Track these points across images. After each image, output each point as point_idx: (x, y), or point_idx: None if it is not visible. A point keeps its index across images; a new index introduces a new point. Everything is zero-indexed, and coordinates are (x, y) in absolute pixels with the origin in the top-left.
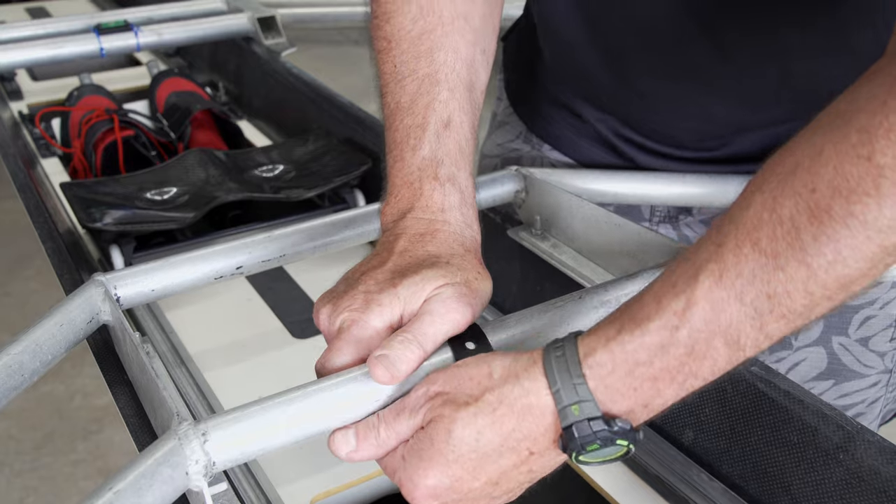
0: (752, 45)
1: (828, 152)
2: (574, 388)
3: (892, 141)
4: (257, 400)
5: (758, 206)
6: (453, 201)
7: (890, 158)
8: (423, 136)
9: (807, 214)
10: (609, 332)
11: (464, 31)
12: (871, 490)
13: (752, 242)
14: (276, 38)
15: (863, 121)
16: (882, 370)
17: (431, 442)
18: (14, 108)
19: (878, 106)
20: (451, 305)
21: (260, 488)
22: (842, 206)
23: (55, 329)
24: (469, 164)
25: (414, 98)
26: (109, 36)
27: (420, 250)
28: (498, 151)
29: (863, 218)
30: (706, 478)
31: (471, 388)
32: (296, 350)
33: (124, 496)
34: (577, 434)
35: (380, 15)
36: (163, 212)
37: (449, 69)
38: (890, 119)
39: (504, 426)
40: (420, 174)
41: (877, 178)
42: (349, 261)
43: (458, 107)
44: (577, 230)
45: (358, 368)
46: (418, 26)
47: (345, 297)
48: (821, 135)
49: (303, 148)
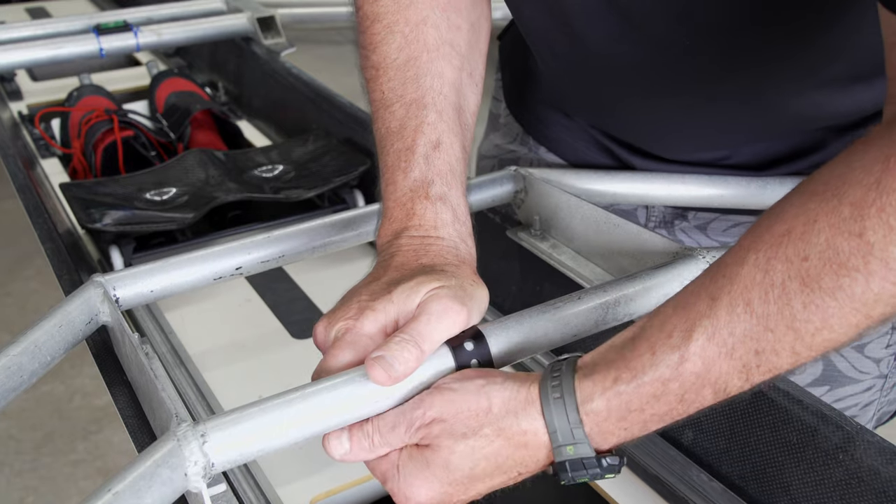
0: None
1: (821, 223)
2: (571, 431)
3: (883, 220)
4: (256, 401)
5: (751, 265)
6: (446, 218)
7: (880, 236)
8: (412, 159)
9: (798, 282)
10: (606, 380)
11: (450, 57)
12: (870, 490)
13: (746, 302)
14: (276, 38)
15: (857, 195)
16: (877, 375)
17: (427, 464)
18: (14, 108)
19: (872, 182)
20: (447, 304)
21: (259, 489)
22: (832, 278)
23: (54, 330)
24: (461, 183)
25: (403, 123)
26: (109, 36)
27: (414, 263)
28: (495, 152)
29: (850, 292)
30: (706, 478)
31: (469, 421)
32: (295, 350)
33: (123, 497)
34: (570, 469)
35: (366, 45)
36: (162, 212)
37: (436, 93)
38: (882, 199)
39: (499, 456)
40: (412, 195)
41: (867, 255)
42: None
43: (447, 128)
44: (577, 230)
45: (356, 370)
46: (404, 54)
47: (339, 310)
48: (815, 202)
49: (302, 148)
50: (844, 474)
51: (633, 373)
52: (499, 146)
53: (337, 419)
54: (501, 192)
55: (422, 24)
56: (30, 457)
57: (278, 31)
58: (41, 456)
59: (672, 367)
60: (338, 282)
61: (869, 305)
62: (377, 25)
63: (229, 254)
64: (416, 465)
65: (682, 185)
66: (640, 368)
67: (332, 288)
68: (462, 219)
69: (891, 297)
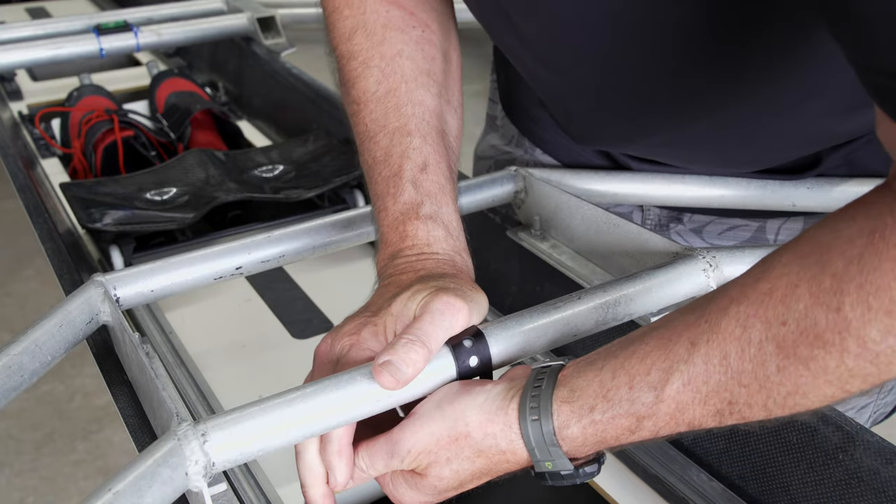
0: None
1: (802, 290)
2: (549, 451)
3: (862, 298)
4: (257, 400)
5: (732, 318)
6: (438, 235)
7: (858, 314)
8: (400, 184)
9: (774, 345)
10: (583, 408)
11: (428, 85)
12: (870, 490)
13: (723, 356)
14: (276, 39)
15: (838, 267)
16: None
17: (417, 486)
18: (14, 108)
19: (854, 255)
20: (447, 300)
21: (260, 489)
22: (807, 349)
23: (55, 329)
24: (452, 201)
25: (388, 151)
26: (109, 36)
27: (412, 277)
28: (491, 153)
29: (825, 365)
30: (706, 478)
31: (450, 446)
32: (295, 350)
33: (124, 497)
34: (550, 479)
35: (346, 82)
36: (162, 212)
37: (418, 119)
38: (864, 275)
39: (483, 470)
40: (403, 217)
41: (843, 332)
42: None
43: (432, 151)
44: (577, 230)
45: (357, 369)
46: (382, 87)
47: (342, 328)
48: (799, 266)
49: (303, 148)
50: (844, 474)
51: (609, 404)
52: (495, 147)
53: (338, 419)
54: (501, 192)
55: (397, 56)
56: (30, 457)
57: (278, 32)
58: (41, 456)
59: (647, 406)
60: (338, 282)
61: (844, 380)
62: (353, 62)
63: (229, 254)
64: (408, 485)
65: (683, 186)
66: (617, 401)
67: (332, 288)
68: (455, 234)
69: (867, 376)
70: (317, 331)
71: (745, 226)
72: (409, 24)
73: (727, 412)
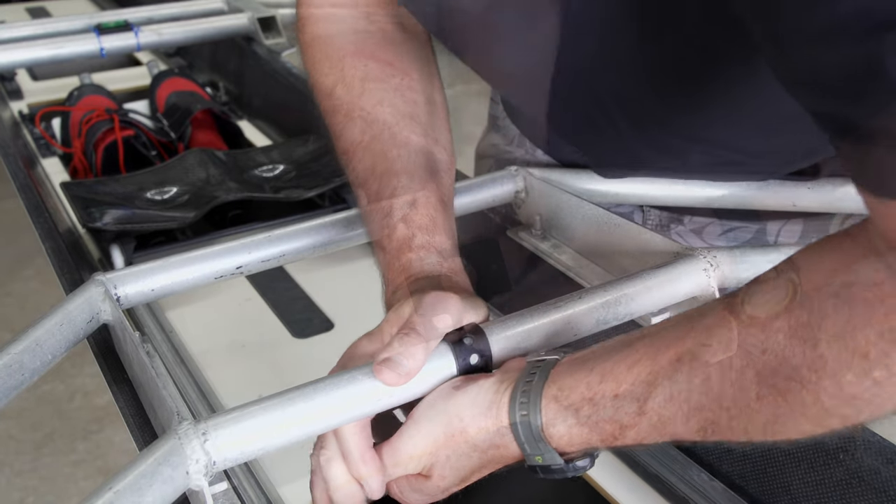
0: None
1: (780, 321)
2: (538, 446)
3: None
4: (257, 399)
5: (716, 339)
6: (432, 261)
7: (835, 353)
8: (392, 224)
9: (753, 372)
10: (569, 409)
11: (412, 127)
12: (871, 490)
13: (705, 377)
14: (277, 38)
15: (813, 303)
16: None
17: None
18: (14, 107)
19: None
20: (437, 294)
21: (260, 488)
22: (784, 381)
23: (55, 328)
24: (445, 229)
25: (378, 195)
26: (109, 36)
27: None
28: (493, 152)
29: (801, 399)
30: (706, 477)
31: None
32: (296, 349)
33: (124, 496)
34: (541, 473)
35: (333, 134)
36: (163, 211)
37: (405, 160)
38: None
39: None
40: (398, 254)
41: (819, 370)
42: (349, 261)
43: (419, 186)
44: (577, 230)
45: (358, 368)
46: (367, 135)
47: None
48: None
49: (303, 148)
50: (845, 474)
51: (594, 408)
52: (496, 146)
53: (339, 418)
54: (502, 192)
55: (378, 105)
56: (30, 457)
57: (279, 31)
58: (41, 456)
59: (630, 416)
60: (338, 281)
61: (820, 417)
62: (337, 116)
63: (230, 253)
64: (413, 488)
65: (684, 186)
66: (602, 406)
67: (332, 287)
68: (449, 258)
69: (845, 417)
70: (317, 330)
71: (745, 227)
72: (388, 73)
73: (710, 430)
